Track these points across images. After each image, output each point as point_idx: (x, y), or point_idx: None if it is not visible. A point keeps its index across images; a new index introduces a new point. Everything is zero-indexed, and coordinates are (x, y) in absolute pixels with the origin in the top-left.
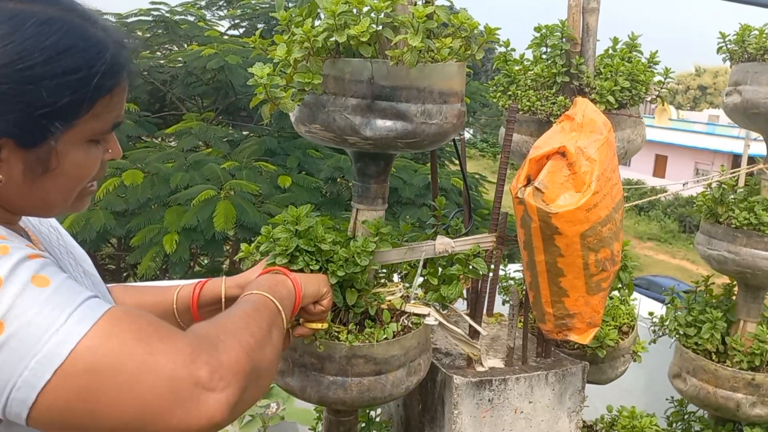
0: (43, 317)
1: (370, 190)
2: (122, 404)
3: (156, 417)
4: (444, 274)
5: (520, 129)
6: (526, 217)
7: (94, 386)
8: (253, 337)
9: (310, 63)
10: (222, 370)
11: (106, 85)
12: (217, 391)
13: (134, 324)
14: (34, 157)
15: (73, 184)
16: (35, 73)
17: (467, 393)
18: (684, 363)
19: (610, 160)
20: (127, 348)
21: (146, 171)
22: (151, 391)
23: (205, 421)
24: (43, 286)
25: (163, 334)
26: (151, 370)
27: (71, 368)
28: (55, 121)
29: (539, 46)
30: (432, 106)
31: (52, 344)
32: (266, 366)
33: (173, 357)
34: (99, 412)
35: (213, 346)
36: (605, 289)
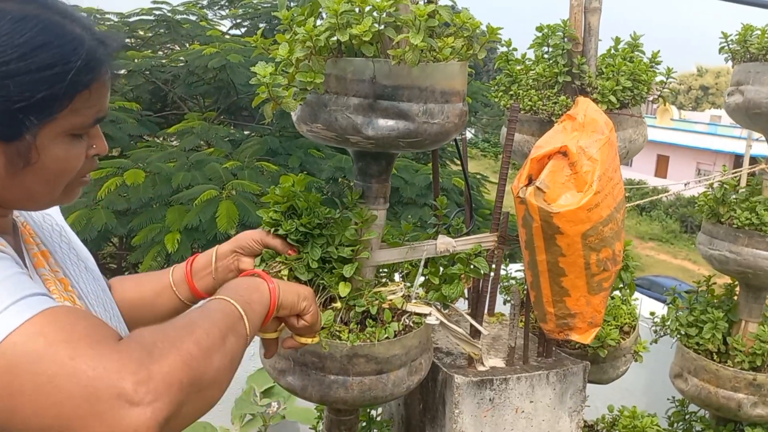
0: None
1: (371, 189)
2: (40, 407)
3: (73, 425)
4: (445, 273)
5: (522, 128)
6: (528, 216)
7: (15, 385)
8: (196, 345)
9: (312, 62)
10: (151, 382)
11: (82, 80)
12: (142, 405)
13: (69, 325)
14: (14, 150)
15: (56, 178)
16: (10, 69)
17: (468, 392)
18: (685, 363)
19: (611, 159)
20: (51, 350)
21: (148, 170)
22: (69, 398)
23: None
24: None
25: (96, 339)
26: (71, 376)
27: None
28: (30, 116)
29: (541, 46)
30: (434, 105)
31: None
32: (212, 376)
33: (97, 364)
34: (18, 413)
35: (146, 354)
36: (607, 288)
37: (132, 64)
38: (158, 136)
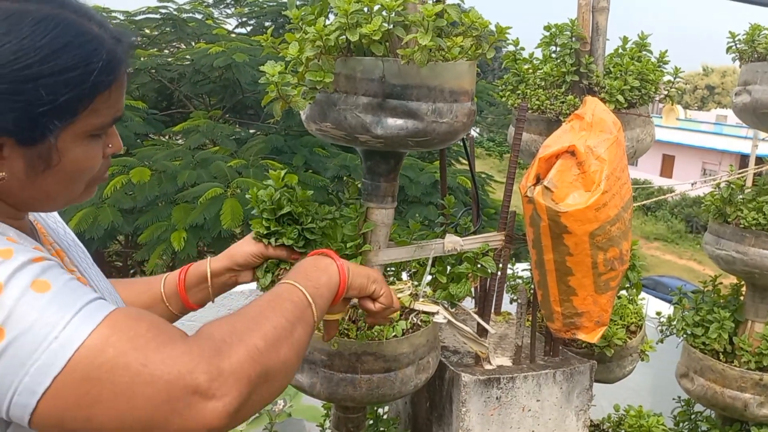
0: (43, 323)
1: (380, 188)
2: (119, 413)
3: (153, 425)
4: (453, 272)
5: (529, 128)
6: (535, 215)
7: (92, 394)
8: (264, 340)
9: (322, 61)
10: (222, 377)
11: (104, 81)
12: (215, 398)
13: (132, 330)
14: (35, 154)
15: (75, 179)
16: (32, 72)
17: (475, 391)
18: (691, 363)
19: (619, 159)
20: (124, 358)
21: (154, 169)
22: (148, 401)
23: (202, 427)
24: (43, 291)
25: (162, 341)
26: (147, 383)
27: (69, 376)
28: (54, 119)
29: (548, 45)
30: (443, 104)
31: (51, 351)
32: (279, 368)
33: (170, 368)
34: (96, 420)
35: (216, 351)
36: (614, 288)
37: (138, 63)
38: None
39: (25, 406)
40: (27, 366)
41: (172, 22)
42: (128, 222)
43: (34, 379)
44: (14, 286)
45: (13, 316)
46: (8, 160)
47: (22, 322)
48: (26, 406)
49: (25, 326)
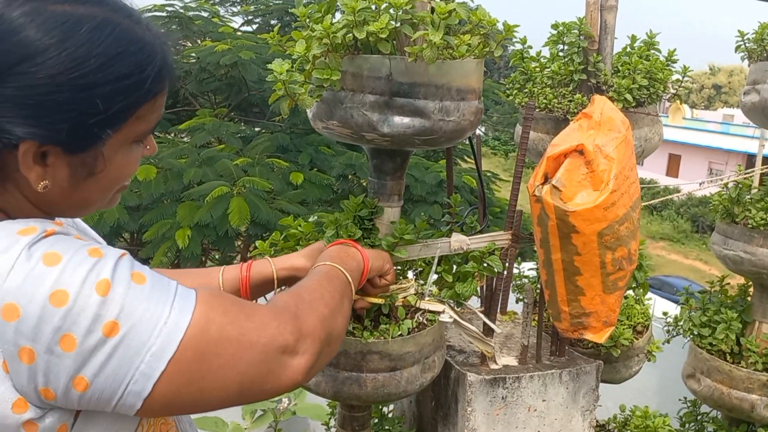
0: (150, 312)
1: (386, 186)
2: (226, 381)
3: (253, 386)
4: (459, 271)
5: (537, 127)
6: (543, 215)
7: (203, 369)
8: (327, 308)
9: (329, 59)
10: (303, 337)
11: (154, 89)
12: (298, 354)
13: (222, 306)
14: (80, 161)
15: (114, 185)
16: (89, 81)
17: (481, 390)
18: (698, 363)
19: (628, 158)
20: (225, 333)
21: (159, 166)
22: (249, 365)
23: (290, 382)
24: (142, 283)
25: (248, 312)
26: (246, 349)
27: (182, 356)
28: (106, 128)
29: (556, 44)
30: (450, 103)
31: (163, 336)
32: (338, 333)
33: (262, 333)
34: (207, 390)
35: (293, 316)
36: (622, 288)
37: None
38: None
39: (140, 392)
40: (142, 353)
41: (178, 20)
42: (134, 219)
43: (149, 365)
44: (119, 282)
45: (126, 310)
46: (52, 167)
47: (134, 314)
48: (141, 392)
49: (137, 317)
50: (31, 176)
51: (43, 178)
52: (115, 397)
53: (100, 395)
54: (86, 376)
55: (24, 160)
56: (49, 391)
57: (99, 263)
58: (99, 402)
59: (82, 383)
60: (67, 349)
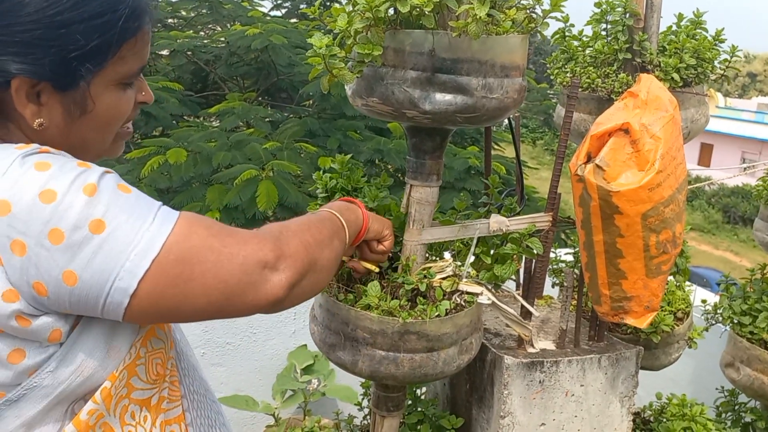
0: (135, 217)
1: (425, 166)
2: (207, 288)
3: (234, 296)
4: (498, 253)
5: (579, 107)
6: (586, 195)
7: (185, 274)
8: (312, 237)
9: (371, 34)
10: (284, 256)
11: (130, 27)
12: (279, 271)
13: (205, 222)
14: (71, 100)
15: (108, 125)
16: (64, 18)
17: (518, 374)
18: (738, 352)
19: (675, 138)
20: (207, 242)
21: (189, 150)
22: (230, 274)
23: (271, 296)
24: (127, 192)
25: (230, 230)
26: (227, 259)
27: (165, 259)
28: (86, 63)
29: (599, 22)
30: (493, 79)
31: (146, 238)
32: (323, 264)
33: (244, 246)
34: (190, 295)
35: (275, 237)
36: (665, 272)
37: (174, 45)
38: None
39: (125, 289)
40: (127, 252)
41: (208, 4)
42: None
43: (134, 262)
44: (106, 186)
45: (111, 210)
46: (47, 106)
47: (120, 215)
48: (126, 289)
49: (122, 219)
50: (27, 113)
51: (39, 115)
52: (102, 294)
53: (88, 291)
54: (75, 270)
55: (18, 97)
56: (41, 284)
57: (87, 171)
58: (88, 300)
59: (71, 277)
60: (56, 242)
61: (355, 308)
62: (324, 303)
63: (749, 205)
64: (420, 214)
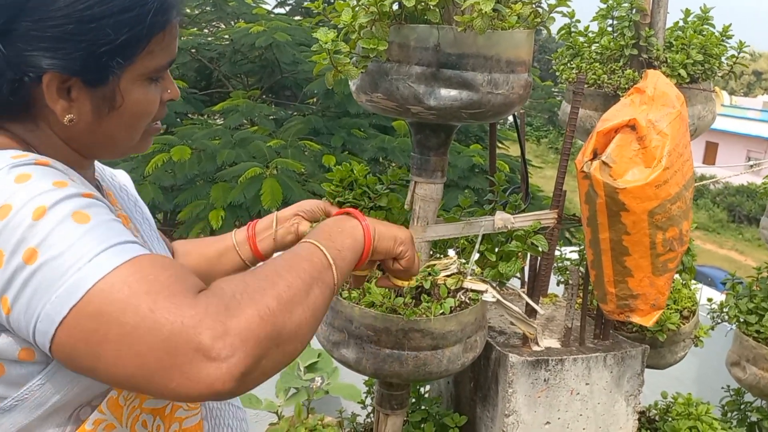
0: (72, 252)
1: (429, 162)
2: (122, 357)
3: (154, 376)
4: (502, 250)
5: (585, 103)
6: (592, 192)
7: (99, 332)
8: (276, 300)
9: (375, 29)
10: (227, 337)
11: (159, 21)
12: (218, 360)
13: (153, 275)
14: (100, 95)
15: (136, 122)
16: (94, 13)
17: (523, 372)
18: (744, 351)
19: (682, 135)
20: (134, 300)
21: (194, 147)
22: (150, 350)
23: (205, 388)
24: (82, 223)
25: (176, 291)
26: (151, 328)
27: (84, 309)
28: (116, 58)
29: (605, 18)
30: (499, 75)
31: (72, 281)
32: (292, 330)
33: (175, 318)
34: (102, 359)
35: (224, 308)
36: (672, 270)
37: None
38: (203, 114)
39: (45, 333)
40: (50, 293)
41: (212, 2)
42: (168, 199)
43: (54, 307)
44: (56, 212)
45: (48, 241)
46: (77, 102)
47: (54, 247)
48: (46, 334)
49: (56, 252)
50: (57, 109)
51: (69, 111)
52: (29, 331)
53: (18, 324)
54: (8, 298)
55: (49, 92)
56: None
57: (51, 192)
58: (20, 331)
59: (5, 305)
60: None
61: (359, 306)
62: None
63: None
64: (424, 211)
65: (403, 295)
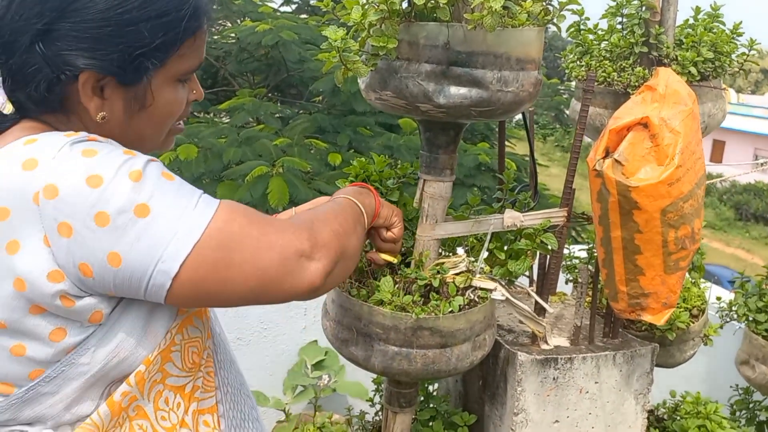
0: (178, 203)
1: (438, 160)
2: (246, 275)
3: (273, 283)
4: (512, 248)
5: (594, 101)
6: (604, 190)
7: (225, 260)
8: (341, 226)
9: (385, 26)
10: (318, 245)
11: (191, 26)
12: (315, 260)
13: (244, 211)
14: (132, 94)
15: (164, 121)
16: (132, 17)
17: (531, 370)
18: (753, 350)
19: (694, 132)
20: (246, 230)
21: (200, 146)
22: (269, 262)
23: (308, 284)
24: (171, 180)
25: (270, 220)
26: (266, 248)
27: (206, 244)
28: (150, 59)
29: (614, 16)
30: (509, 73)
31: (188, 224)
32: (351, 252)
33: (280, 236)
34: (229, 281)
35: (309, 228)
36: (684, 268)
37: None
38: (209, 112)
39: (168, 271)
40: (170, 236)
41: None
42: None
43: (176, 246)
44: (150, 173)
45: (155, 196)
46: (109, 100)
47: (163, 200)
48: (169, 271)
49: (166, 204)
50: (91, 106)
51: (102, 109)
52: (146, 276)
53: (132, 273)
54: (120, 252)
55: (84, 91)
56: (87, 265)
57: (132, 159)
58: (132, 281)
59: (116, 259)
60: (101, 224)
61: (368, 304)
62: (337, 298)
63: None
64: (433, 209)
65: (412, 293)
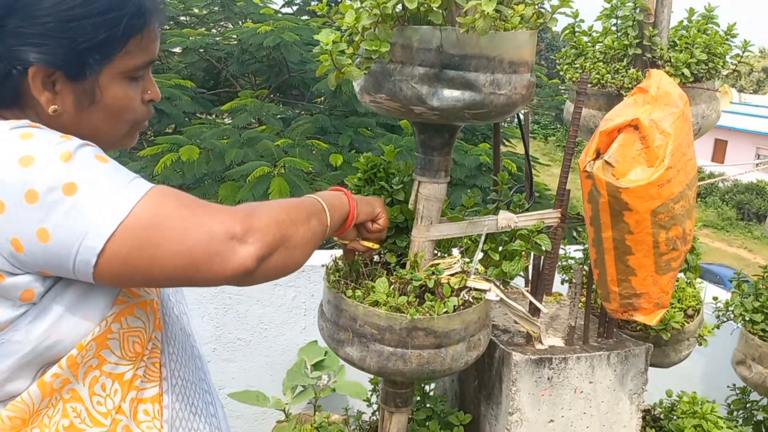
0: (107, 182)
1: (433, 162)
2: (174, 254)
3: (201, 264)
4: (506, 249)
5: (589, 103)
6: (594, 191)
7: (152, 239)
8: (287, 215)
9: (378, 30)
10: (252, 229)
11: (136, 24)
12: (247, 244)
13: (176, 195)
14: (81, 89)
15: (117, 116)
16: (76, 13)
17: (526, 370)
18: (749, 350)
19: (685, 134)
20: (176, 211)
21: (202, 147)
22: (198, 242)
23: (239, 267)
24: (105, 162)
25: (204, 204)
26: (195, 227)
27: (132, 223)
28: (94, 55)
29: (609, 18)
30: (501, 75)
31: (116, 203)
32: (297, 241)
33: (213, 218)
34: (157, 260)
35: (246, 213)
36: (675, 269)
37: (187, 42)
38: (211, 113)
39: (93, 248)
40: (96, 214)
41: (220, 2)
42: None
43: (101, 224)
44: (82, 154)
45: (84, 176)
46: (60, 94)
47: (91, 180)
48: (94, 248)
49: (94, 184)
50: (42, 99)
51: (53, 102)
52: (72, 252)
53: (59, 249)
54: (48, 228)
55: (34, 84)
56: (18, 240)
57: (66, 141)
58: (60, 258)
59: (44, 234)
60: (31, 201)
61: (363, 304)
62: (332, 299)
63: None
64: (428, 211)
65: (407, 294)
